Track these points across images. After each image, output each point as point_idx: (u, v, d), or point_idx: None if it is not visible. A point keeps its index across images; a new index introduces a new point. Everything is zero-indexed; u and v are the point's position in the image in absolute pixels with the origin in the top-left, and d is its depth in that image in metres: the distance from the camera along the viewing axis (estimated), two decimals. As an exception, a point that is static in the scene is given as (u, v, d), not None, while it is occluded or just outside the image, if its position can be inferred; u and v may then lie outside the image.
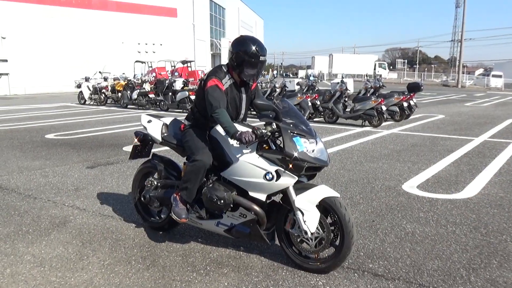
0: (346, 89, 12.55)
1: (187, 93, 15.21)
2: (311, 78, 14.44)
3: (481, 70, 70.39)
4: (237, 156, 3.26)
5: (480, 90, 39.76)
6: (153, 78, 18.40)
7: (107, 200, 4.99)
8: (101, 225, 4.21)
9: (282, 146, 3.11)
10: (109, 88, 19.37)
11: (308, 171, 3.18)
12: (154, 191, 3.92)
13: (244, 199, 3.28)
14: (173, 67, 26.98)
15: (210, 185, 3.39)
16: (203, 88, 3.39)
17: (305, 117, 3.15)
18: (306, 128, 3.21)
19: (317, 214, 3.13)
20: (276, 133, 3.18)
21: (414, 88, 12.88)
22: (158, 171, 4.02)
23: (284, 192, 3.21)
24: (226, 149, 3.36)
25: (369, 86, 13.37)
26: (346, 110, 12.42)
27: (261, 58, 3.29)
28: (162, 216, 4.11)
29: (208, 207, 3.41)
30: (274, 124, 3.14)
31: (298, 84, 14.66)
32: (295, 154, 3.03)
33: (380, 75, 36.35)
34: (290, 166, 3.08)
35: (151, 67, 27.49)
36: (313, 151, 3.12)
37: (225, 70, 3.44)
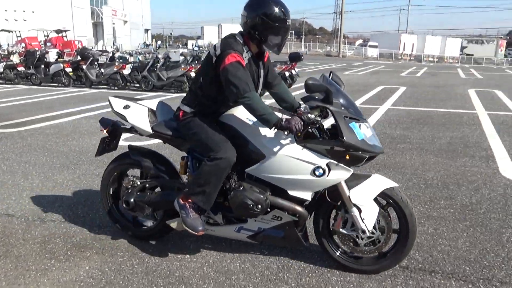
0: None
1: (61, 65, 14.04)
2: (195, 48, 14.20)
3: (360, 41, 75.76)
4: (273, 149, 2.64)
5: (358, 60, 42.83)
6: (23, 49, 16.70)
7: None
8: None
9: (329, 134, 2.66)
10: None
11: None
12: (140, 194, 3.18)
13: (284, 201, 2.74)
14: (46, 37, 24.71)
15: (241, 188, 2.75)
16: (218, 66, 2.63)
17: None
18: (356, 110, 2.67)
19: (376, 209, 2.70)
20: (319, 117, 2.61)
21: (295, 58, 13.30)
22: (144, 168, 3.17)
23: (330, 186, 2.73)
24: (253, 140, 2.72)
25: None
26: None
27: (288, 21, 2.67)
28: (144, 223, 3.38)
29: (239, 213, 2.81)
30: (320, 107, 2.60)
31: (182, 54, 14.30)
32: (357, 144, 2.52)
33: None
34: (347, 157, 2.57)
35: (20, 36, 24.91)
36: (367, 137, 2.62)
37: (241, 41, 2.72)
